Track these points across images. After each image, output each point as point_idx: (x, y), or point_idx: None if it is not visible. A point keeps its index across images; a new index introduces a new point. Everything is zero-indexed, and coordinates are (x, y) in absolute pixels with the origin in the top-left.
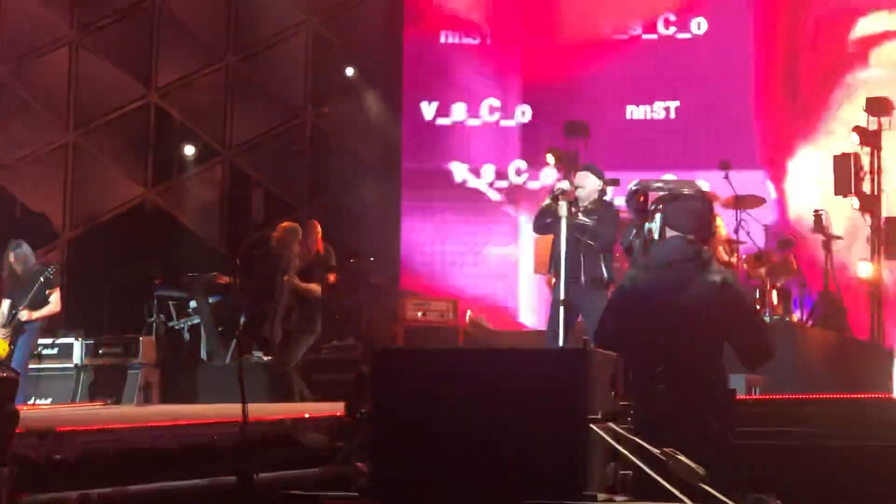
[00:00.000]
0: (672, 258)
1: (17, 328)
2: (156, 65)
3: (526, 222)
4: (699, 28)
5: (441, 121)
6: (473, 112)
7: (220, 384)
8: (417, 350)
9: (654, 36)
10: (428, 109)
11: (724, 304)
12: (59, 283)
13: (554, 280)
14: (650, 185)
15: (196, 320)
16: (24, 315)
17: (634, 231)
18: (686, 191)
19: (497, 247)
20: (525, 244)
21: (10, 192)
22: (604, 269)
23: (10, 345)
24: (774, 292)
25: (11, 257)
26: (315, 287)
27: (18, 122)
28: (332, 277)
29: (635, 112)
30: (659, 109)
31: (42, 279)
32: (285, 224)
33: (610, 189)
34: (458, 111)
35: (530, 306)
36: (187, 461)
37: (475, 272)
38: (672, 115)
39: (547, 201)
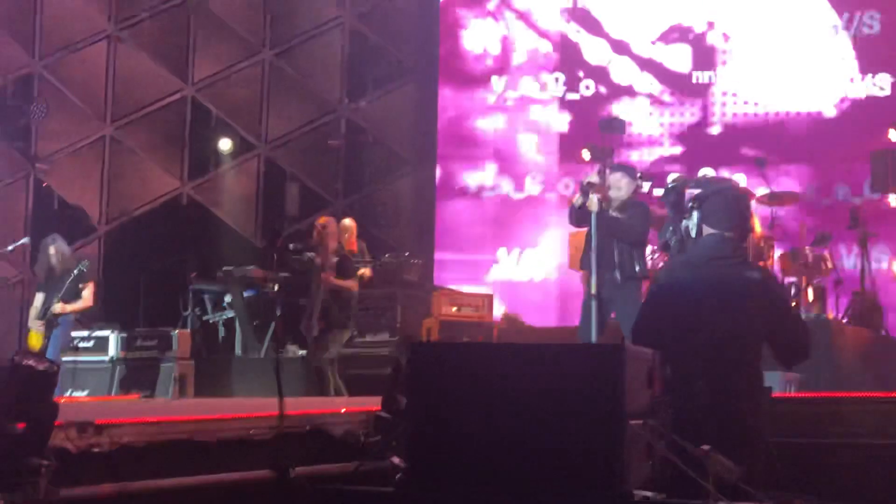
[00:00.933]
0: (710, 255)
1: (50, 322)
2: (193, 59)
3: (558, 218)
4: None
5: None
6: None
7: (254, 378)
8: (455, 344)
9: None
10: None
11: (762, 301)
12: (93, 277)
13: (587, 276)
14: (687, 181)
15: (231, 314)
16: (57, 308)
17: (672, 228)
18: (723, 188)
19: (531, 242)
20: (559, 240)
21: (47, 186)
22: (636, 263)
23: (44, 338)
24: (810, 290)
25: (50, 251)
26: (352, 284)
27: (56, 115)
28: (367, 274)
29: None
30: None
31: (75, 273)
32: (323, 219)
33: (646, 184)
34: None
35: (563, 302)
36: (223, 454)
37: (509, 267)
38: None
39: (577, 198)
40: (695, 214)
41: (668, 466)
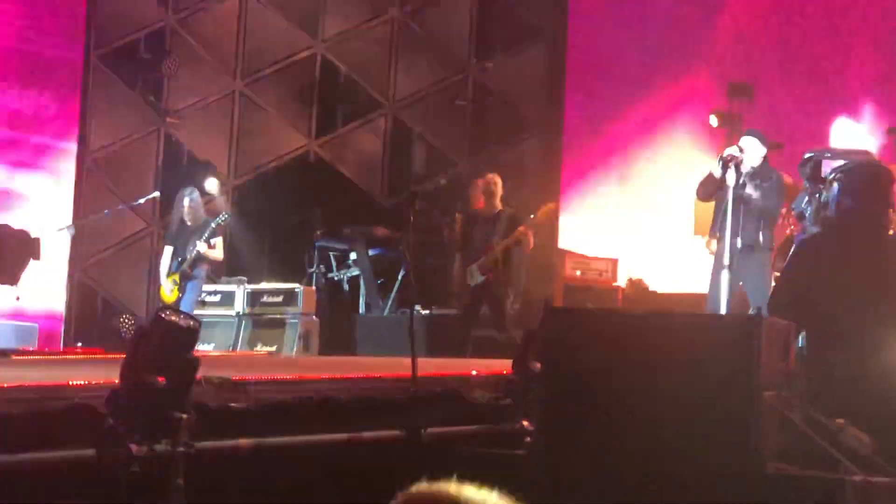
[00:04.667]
0: (850, 227)
1: (185, 274)
2: (323, 16)
3: (685, 185)
4: None
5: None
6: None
7: (378, 336)
8: (590, 311)
9: None
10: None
11: None
12: (224, 232)
13: (716, 244)
14: (824, 153)
15: (355, 272)
16: (202, 247)
17: (807, 199)
18: (864, 160)
19: (656, 207)
20: (686, 206)
21: (177, 140)
22: (762, 234)
23: (179, 291)
24: None
25: (186, 202)
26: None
27: (187, 70)
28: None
29: None
30: None
31: (220, 221)
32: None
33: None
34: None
35: (689, 268)
36: (357, 413)
37: (635, 231)
38: None
39: (716, 169)
40: (835, 186)
41: (803, 439)
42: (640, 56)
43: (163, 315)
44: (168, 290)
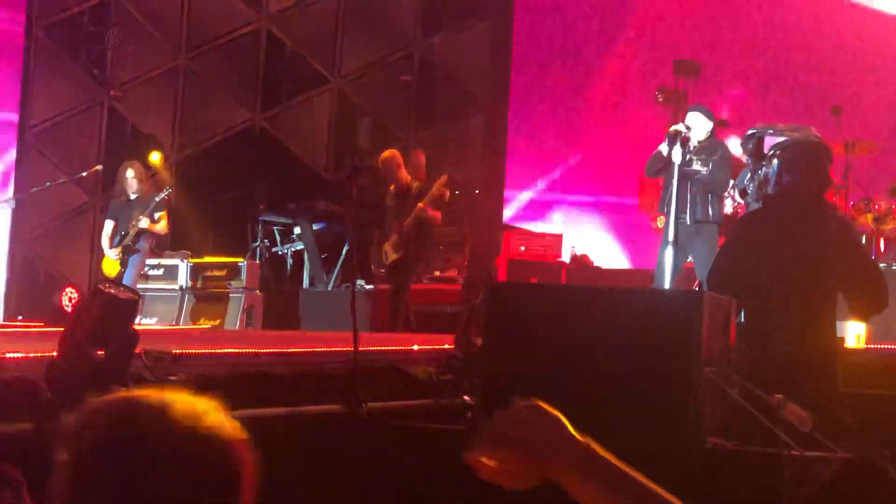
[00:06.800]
0: (789, 204)
1: (127, 248)
2: None
3: (631, 161)
4: None
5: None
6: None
7: (321, 310)
8: (532, 285)
9: None
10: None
11: (840, 251)
12: (167, 206)
13: (663, 220)
14: (766, 129)
15: (300, 246)
16: (145, 223)
17: (749, 175)
18: (804, 137)
19: (602, 183)
20: (632, 182)
21: (121, 113)
22: (711, 210)
23: (121, 265)
24: (882, 240)
25: (130, 174)
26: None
27: (131, 44)
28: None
29: None
30: None
31: (163, 195)
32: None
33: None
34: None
35: (634, 244)
36: (297, 388)
37: (580, 207)
38: None
39: (664, 147)
40: (775, 162)
41: (742, 414)
42: (586, 32)
43: (102, 287)
44: (110, 264)
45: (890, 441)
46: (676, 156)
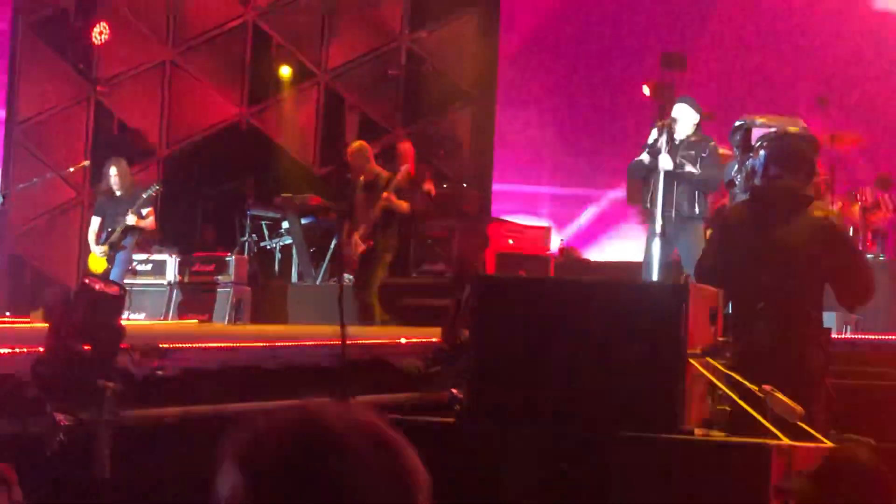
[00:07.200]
0: (775, 196)
1: (114, 244)
2: None
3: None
4: None
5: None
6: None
7: (310, 305)
8: (518, 278)
9: None
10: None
11: (826, 242)
12: (154, 202)
13: (649, 213)
14: (754, 121)
15: (288, 241)
16: (131, 220)
17: (736, 167)
18: (791, 129)
19: (590, 176)
20: (619, 175)
21: (108, 109)
22: (697, 206)
23: (108, 262)
24: (869, 231)
25: (112, 172)
26: (405, 205)
27: (118, 39)
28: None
29: None
30: None
31: (150, 192)
32: (355, 144)
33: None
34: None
35: (622, 237)
36: (285, 381)
37: (568, 201)
38: None
39: (644, 156)
40: (762, 154)
41: (729, 405)
42: (573, 26)
43: (88, 282)
44: (97, 260)
45: (876, 430)
46: (666, 163)
